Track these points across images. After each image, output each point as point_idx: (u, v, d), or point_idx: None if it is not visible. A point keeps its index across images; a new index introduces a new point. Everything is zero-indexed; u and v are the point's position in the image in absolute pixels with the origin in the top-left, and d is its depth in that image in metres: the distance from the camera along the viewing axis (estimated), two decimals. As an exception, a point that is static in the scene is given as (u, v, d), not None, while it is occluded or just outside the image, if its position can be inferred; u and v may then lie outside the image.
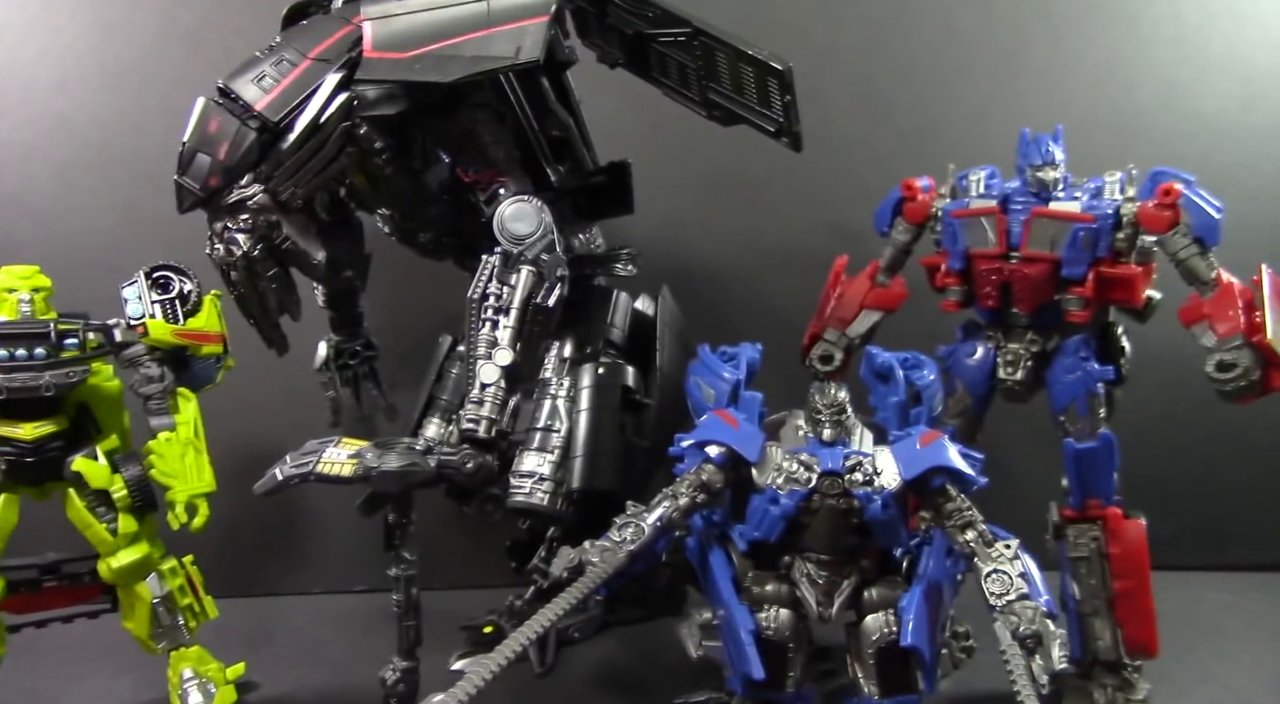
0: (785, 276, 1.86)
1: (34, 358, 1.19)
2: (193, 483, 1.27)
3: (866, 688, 1.02)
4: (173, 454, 1.26)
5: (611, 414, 1.34)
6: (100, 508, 1.25)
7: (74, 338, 1.22)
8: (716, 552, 1.07)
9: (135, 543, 1.27)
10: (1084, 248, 1.24)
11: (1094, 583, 1.28)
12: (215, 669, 1.36)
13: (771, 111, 1.16)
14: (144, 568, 1.29)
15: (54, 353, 1.20)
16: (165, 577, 1.31)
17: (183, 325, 1.30)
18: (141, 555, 1.28)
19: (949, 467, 0.99)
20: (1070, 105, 1.84)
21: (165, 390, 1.29)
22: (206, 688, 1.33)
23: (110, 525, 1.25)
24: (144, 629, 1.31)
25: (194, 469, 1.28)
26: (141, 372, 1.28)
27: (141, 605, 1.30)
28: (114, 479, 1.24)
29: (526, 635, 0.84)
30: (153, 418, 1.29)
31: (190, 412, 1.31)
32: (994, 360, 1.35)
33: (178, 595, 1.32)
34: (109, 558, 1.26)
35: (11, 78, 1.75)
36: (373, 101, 1.19)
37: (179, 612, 1.32)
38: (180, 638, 1.33)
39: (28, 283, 1.23)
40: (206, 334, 1.33)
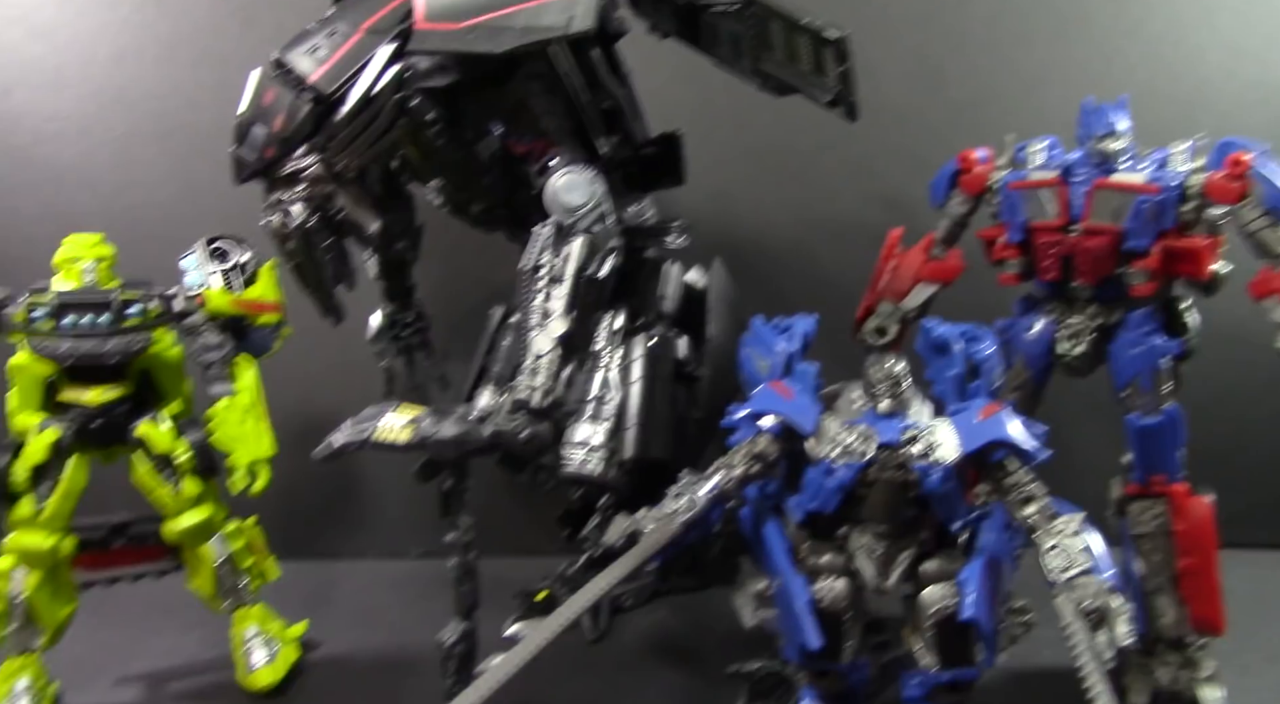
0: (837, 249, 1.84)
1: (98, 326, 1.22)
2: (253, 448, 1.30)
3: (925, 660, 1.01)
4: (233, 420, 1.29)
5: (664, 385, 1.34)
6: (164, 471, 1.29)
7: (136, 306, 1.25)
8: (771, 522, 1.07)
9: (198, 506, 1.31)
10: (1149, 220, 1.21)
11: (1157, 560, 1.26)
12: (278, 627, 1.40)
13: (826, 81, 1.14)
14: (207, 530, 1.32)
15: (117, 321, 1.23)
16: (228, 538, 1.34)
17: (240, 294, 1.33)
18: (204, 518, 1.31)
19: (1010, 440, 0.98)
20: (1133, 73, 1.79)
21: (225, 358, 1.31)
22: (270, 645, 1.36)
23: (174, 489, 1.29)
24: (208, 589, 1.35)
25: (254, 435, 1.31)
26: (201, 340, 1.30)
27: (205, 566, 1.33)
28: (177, 444, 1.28)
29: (583, 602, 0.85)
30: (213, 385, 1.31)
31: (249, 378, 1.34)
32: (1054, 334, 1.33)
33: (240, 557, 1.35)
34: (173, 520, 1.30)
35: (71, 52, 1.78)
36: (425, 73, 1.19)
37: (242, 572, 1.36)
38: (243, 598, 1.37)
39: (92, 251, 1.25)
40: (264, 303, 1.35)
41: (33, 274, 1.28)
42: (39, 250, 1.37)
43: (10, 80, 1.77)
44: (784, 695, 1.26)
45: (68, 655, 1.36)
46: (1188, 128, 1.28)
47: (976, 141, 1.40)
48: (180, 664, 1.45)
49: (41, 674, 1.29)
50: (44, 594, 1.25)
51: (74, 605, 1.32)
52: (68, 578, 1.30)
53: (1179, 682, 1.27)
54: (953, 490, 0.99)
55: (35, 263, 1.35)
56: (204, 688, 1.40)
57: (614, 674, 1.42)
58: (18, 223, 1.79)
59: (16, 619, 1.25)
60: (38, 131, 1.78)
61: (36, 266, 1.32)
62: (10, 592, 1.24)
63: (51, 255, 1.28)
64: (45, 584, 1.25)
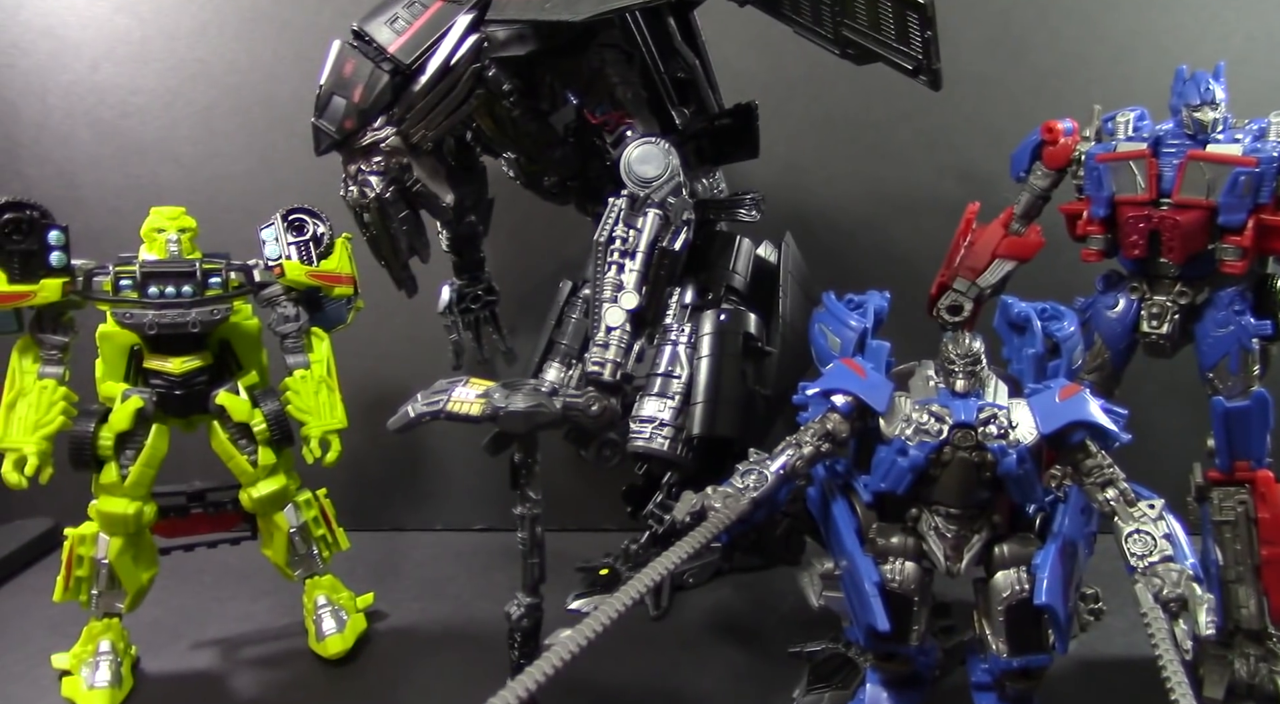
0: (911, 224, 1.81)
1: (181, 296, 1.25)
2: (326, 419, 1.33)
3: (995, 646, 0.99)
4: (307, 391, 1.33)
5: (733, 361, 1.33)
6: (242, 440, 1.32)
7: (218, 277, 1.28)
8: (840, 502, 1.06)
9: (273, 474, 1.34)
10: (1244, 194, 1.16)
11: (1239, 548, 1.22)
12: (347, 597, 1.43)
13: (910, 48, 1.11)
14: (281, 499, 1.35)
15: (199, 291, 1.26)
16: (301, 508, 1.37)
17: (316, 267, 1.35)
18: (279, 487, 1.34)
19: (1091, 421, 0.95)
20: (1229, 39, 1.71)
21: (300, 329, 1.34)
22: (339, 615, 1.40)
23: (250, 457, 1.32)
24: (281, 557, 1.38)
25: (327, 406, 1.34)
26: (278, 311, 1.34)
27: (279, 534, 1.37)
28: (254, 413, 1.30)
29: (651, 577, 0.84)
30: (289, 356, 1.35)
31: (324, 351, 1.37)
32: (1137, 313, 1.29)
33: (312, 526, 1.38)
34: (249, 488, 1.33)
35: (155, 25, 1.82)
36: (502, 42, 1.19)
37: (313, 542, 1.39)
38: (314, 566, 1.41)
39: (175, 223, 1.28)
40: (338, 275, 1.37)
41: (118, 245, 1.31)
42: (125, 222, 1.42)
43: (98, 54, 1.82)
44: (847, 678, 1.25)
45: (146, 619, 1.41)
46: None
47: (1060, 112, 1.35)
48: (252, 630, 1.49)
49: (123, 637, 1.33)
50: (126, 559, 1.28)
51: (155, 570, 1.36)
52: (149, 543, 1.34)
53: (1258, 674, 1.24)
54: (1029, 472, 0.97)
55: (121, 234, 1.40)
56: (275, 654, 1.44)
57: (675, 652, 1.43)
58: (104, 195, 1.84)
59: (101, 583, 1.28)
60: (124, 105, 1.83)
61: (122, 238, 1.35)
62: (95, 556, 1.28)
63: (136, 227, 1.31)
64: (127, 549, 1.28)
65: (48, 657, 1.38)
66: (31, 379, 1.24)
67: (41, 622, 1.53)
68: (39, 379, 1.24)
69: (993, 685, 1.04)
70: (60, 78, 1.82)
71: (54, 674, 1.35)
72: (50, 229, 1.21)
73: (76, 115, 1.83)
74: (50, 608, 1.57)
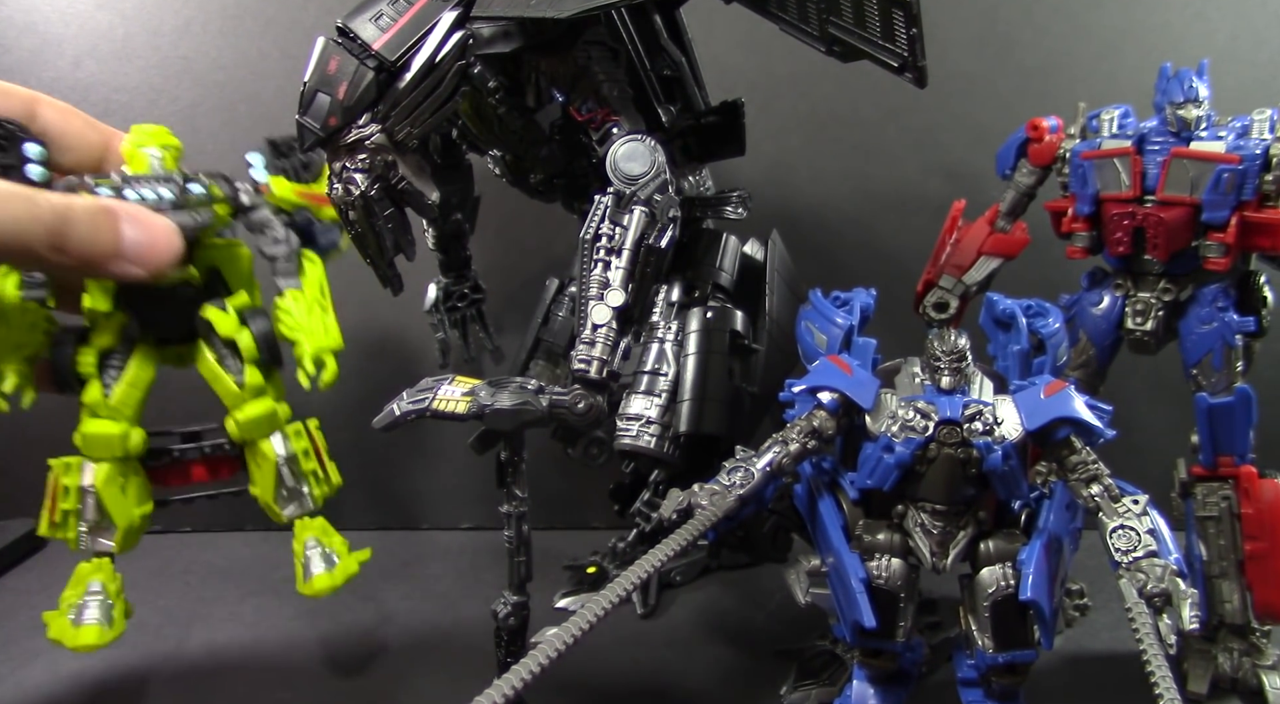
0: (898, 221, 1.81)
1: (161, 200, 1.18)
2: (320, 338, 1.27)
3: (981, 641, 1.00)
4: (299, 311, 1.27)
5: (719, 359, 1.33)
6: (228, 361, 1.25)
7: (198, 184, 1.22)
8: (827, 499, 1.06)
9: (260, 396, 1.26)
10: (1228, 191, 1.17)
11: (1223, 543, 1.23)
12: (339, 541, 1.34)
13: (895, 46, 1.10)
14: (269, 424, 1.27)
15: (179, 196, 1.19)
16: (290, 438, 1.29)
17: (304, 185, 1.31)
18: (267, 410, 1.26)
19: (1075, 418, 0.95)
20: (1213, 38, 1.72)
21: (292, 252, 1.30)
22: (330, 556, 1.31)
23: (237, 377, 1.25)
24: (269, 491, 1.29)
25: (321, 325, 1.28)
26: (269, 233, 1.29)
27: (266, 465, 1.28)
28: (241, 330, 1.24)
29: (638, 575, 0.84)
30: (280, 279, 1.29)
31: (317, 273, 1.32)
32: (1122, 309, 1.30)
33: (302, 459, 1.30)
34: (235, 412, 1.26)
35: (137, 22, 1.80)
36: (487, 39, 1.18)
37: (304, 476, 1.31)
38: (305, 504, 1.31)
39: (157, 139, 1.24)
40: (327, 196, 1.29)
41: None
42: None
43: (80, 51, 1.81)
44: (834, 675, 1.25)
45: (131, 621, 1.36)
46: (1270, 94, 1.23)
47: (1046, 109, 1.36)
48: (239, 629, 1.48)
49: (114, 579, 1.25)
50: (114, 488, 1.21)
51: (149, 507, 1.27)
52: (140, 477, 1.26)
53: (1241, 668, 1.25)
54: (1014, 469, 0.97)
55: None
56: (261, 653, 1.43)
57: (663, 649, 1.43)
58: (87, 191, 1.82)
59: (88, 514, 1.21)
60: (107, 102, 1.82)
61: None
62: (81, 483, 1.20)
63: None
64: (116, 477, 1.21)
65: (32, 659, 1.37)
66: (12, 302, 1.17)
67: (26, 623, 1.52)
68: (21, 302, 1.17)
69: (979, 681, 1.05)
70: (42, 75, 1.80)
71: (41, 678, 1.34)
72: (27, 142, 1.14)
73: (59, 112, 1.81)
74: (35, 610, 1.56)
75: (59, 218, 1.06)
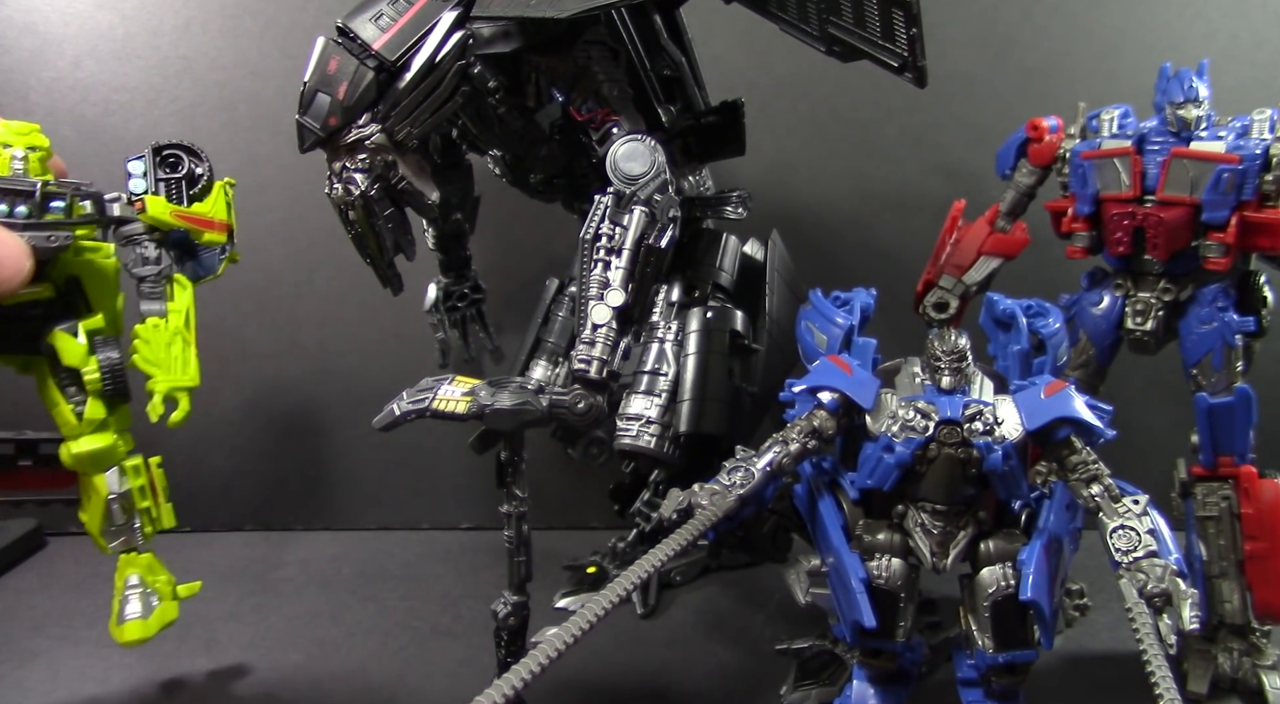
0: (898, 221, 1.81)
1: (14, 216, 1.09)
2: (176, 375, 1.17)
3: (981, 641, 1.00)
4: (159, 341, 1.18)
5: (719, 359, 1.33)
6: (71, 388, 1.17)
7: (60, 201, 1.12)
8: (827, 499, 1.06)
9: (100, 431, 1.17)
10: (1228, 191, 1.17)
11: (1223, 543, 1.23)
12: (164, 581, 1.26)
13: (895, 46, 1.11)
14: (105, 459, 1.19)
15: (37, 213, 1.10)
16: (127, 474, 1.21)
17: (185, 207, 1.22)
18: (104, 445, 1.18)
19: (1076, 418, 0.95)
20: (1213, 38, 1.72)
21: (161, 274, 1.21)
22: (149, 599, 1.23)
23: (78, 408, 1.16)
24: (96, 524, 1.22)
25: (179, 360, 1.19)
26: (138, 251, 1.20)
27: (97, 498, 1.20)
28: (88, 360, 1.15)
29: (638, 575, 0.84)
30: (144, 302, 1.20)
31: (184, 301, 1.22)
32: (1121, 309, 1.30)
33: (137, 496, 1.22)
34: (71, 442, 1.17)
35: (137, 22, 1.80)
36: (488, 39, 1.19)
37: (136, 513, 1.22)
38: (134, 541, 1.23)
39: (23, 140, 1.14)
40: (210, 220, 1.25)
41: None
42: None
43: (80, 51, 1.81)
44: (834, 674, 1.25)
45: None
46: (1270, 94, 1.23)
47: (1046, 110, 1.36)
48: (236, 629, 1.48)
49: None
50: None
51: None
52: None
53: (1241, 668, 1.25)
54: (1015, 469, 0.97)
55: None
56: (259, 654, 1.42)
57: (663, 649, 1.43)
58: (87, 191, 1.82)
59: None
60: (107, 103, 1.82)
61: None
62: None
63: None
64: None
65: (32, 658, 1.36)
66: None
67: (26, 623, 1.52)
68: None
69: (979, 681, 1.05)
70: (42, 75, 1.80)
71: (40, 678, 1.34)
72: None
73: (59, 113, 1.81)
74: (35, 610, 1.57)
75: None
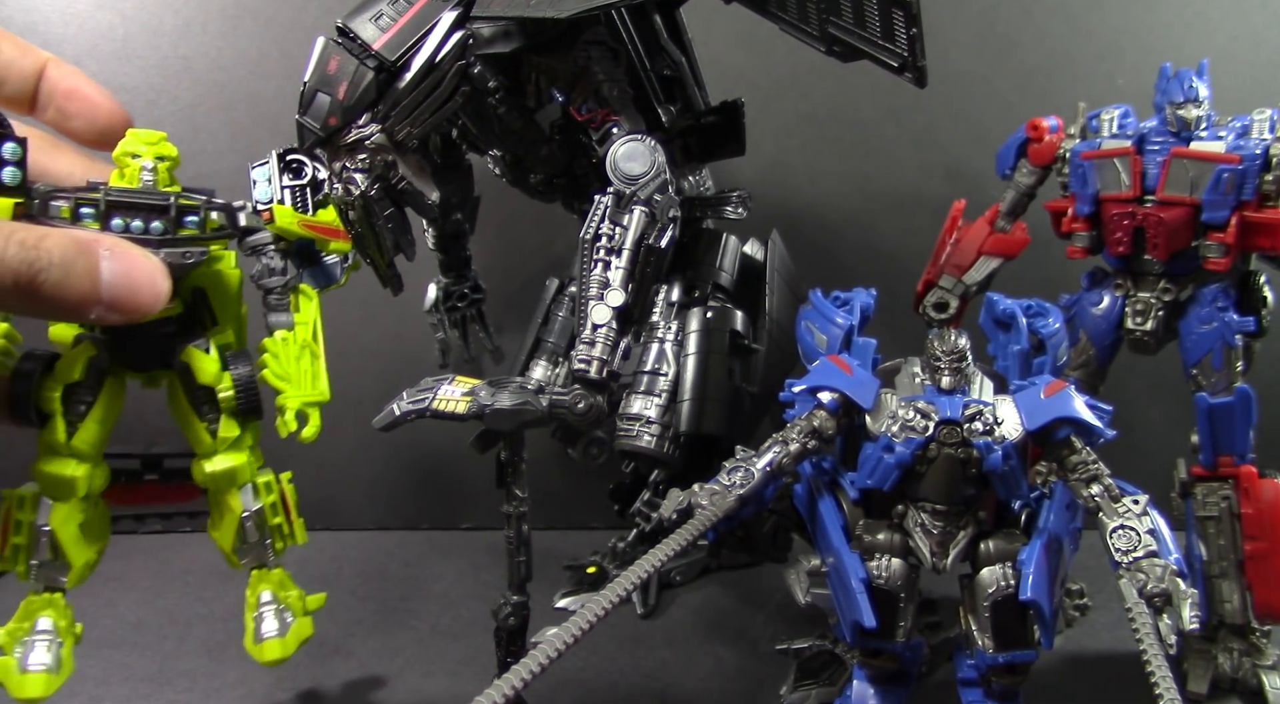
0: (898, 221, 1.81)
1: (150, 232, 1.07)
2: (306, 389, 1.14)
3: (981, 641, 1.00)
4: (288, 356, 1.15)
5: (719, 359, 1.33)
6: (204, 406, 1.14)
7: (194, 215, 1.09)
8: (827, 499, 1.06)
9: (233, 449, 1.15)
10: (1228, 191, 1.17)
11: (1223, 543, 1.23)
12: (296, 597, 1.24)
13: (895, 46, 1.11)
14: (238, 477, 1.16)
15: (171, 229, 1.08)
16: (260, 491, 1.20)
17: (311, 216, 1.21)
18: (238, 463, 1.15)
19: (1076, 418, 0.95)
20: (1213, 38, 1.72)
21: (287, 285, 1.19)
22: (283, 615, 1.21)
23: (211, 426, 1.14)
24: (229, 542, 1.20)
25: (309, 374, 1.16)
26: (264, 261, 1.18)
27: (231, 517, 1.18)
28: (222, 377, 1.13)
29: (638, 575, 0.84)
30: (271, 314, 1.18)
31: (311, 312, 1.20)
32: (1121, 309, 1.30)
33: (269, 513, 1.20)
34: (204, 460, 1.15)
35: (137, 22, 1.81)
36: (488, 39, 1.19)
37: (268, 530, 1.21)
38: (265, 557, 1.22)
39: (153, 149, 1.12)
40: (336, 229, 1.23)
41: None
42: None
43: (80, 51, 1.80)
44: (834, 675, 1.25)
45: (131, 619, 1.37)
46: (1271, 94, 1.23)
47: (1046, 109, 1.36)
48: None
49: (65, 615, 1.13)
50: (72, 528, 1.10)
51: (105, 542, 1.17)
52: (101, 513, 1.16)
53: (1241, 668, 1.25)
54: (1015, 469, 0.97)
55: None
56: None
57: (663, 649, 1.43)
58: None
59: (41, 552, 1.10)
60: (106, 101, 1.82)
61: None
62: (35, 522, 1.09)
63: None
64: (74, 517, 1.11)
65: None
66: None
67: (25, 623, 1.52)
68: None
69: (979, 681, 1.05)
70: (42, 75, 1.80)
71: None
72: (5, 140, 1.02)
73: (59, 112, 1.81)
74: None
75: (27, 263, 0.92)
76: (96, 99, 1.19)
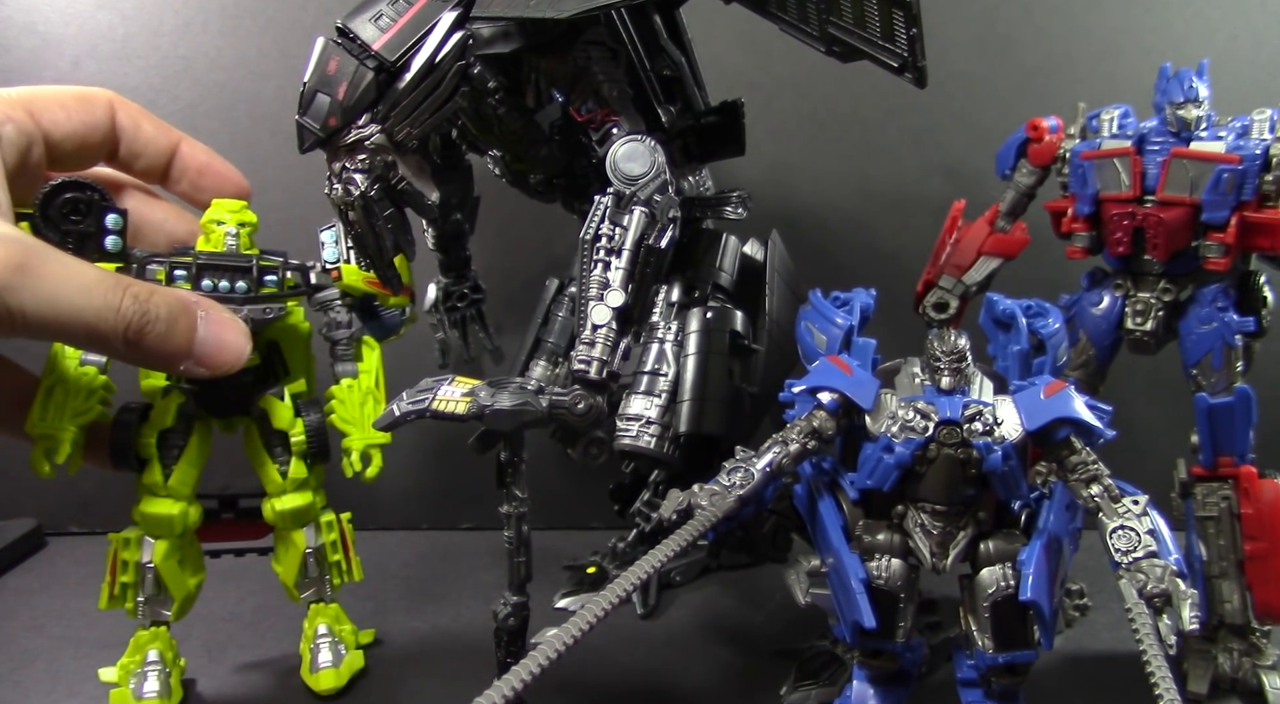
0: (898, 221, 1.81)
1: (235, 291, 1.20)
2: (370, 432, 1.27)
3: (981, 642, 1.00)
4: (353, 401, 1.28)
5: (719, 359, 1.33)
6: (277, 448, 1.28)
7: (273, 275, 1.23)
8: (826, 499, 1.06)
9: (301, 489, 1.29)
10: (1228, 191, 1.17)
11: (1223, 544, 1.23)
12: (349, 631, 1.37)
13: (895, 46, 1.11)
14: (304, 516, 1.30)
15: (253, 288, 1.20)
16: (321, 529, 1.32)
17: (374, 274, 1.31)
18: (305, 503, 1.29)
19: (1075, 418, 0.95)
20: (1213, 38, 1.72)
21: (352, 337, 1.31)
22: (337, 648, 1.33)
23: (282, 467, 1.27)
24: (291, 576, 1.32)
25: (372, 419, 1.27)
26: (331, 316, 1.30)
27: (294, 552, 1.31)
28: (295, 422, 1.26)
29: (638, 575, 0.84)
30: (338, 363, 1.31)
31: (374, 361, 1.32)
32: (1121, 310, 1.30)
33: (329, 550, 1.32)
34: (274, 499, 1.28)
35: (137, 22, 1.81)
36: (487, 39, 1.19)
37: (327, 566, 1.33)
38: (323, 592, 1.34)
39: (236, 216, 1.24)
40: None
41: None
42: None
43: (80, 51, 1.80)
44: (834, 675, 1.25)
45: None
46: (1270, 95, 1.23)
47: (1046, 110, 1.36)
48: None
49: (171, 647, 1.28)
50: (173, 563, 1.24)
51: (202, 576, 1.30)
52: (195, 548, 1.30)
53: (1241, 669, 1.25)
54: (1015, 469, 0.97)
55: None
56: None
57: (663, 650, 1.43)
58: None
59: (147, 588, 1.23)
60: (106, 101, 1.82)
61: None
62: (140, 560, 1.23)
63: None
64: (174, 553, 1.24)
65: (32, 659, 1.36)
66: (73, 365, 1.19)
67: (26, 623, 1.52)
68: (80, 366, 1.19)
69: (979, 681, 1.05)
70: (42, 75, 1.80)
71: (40, 678, 1.34)
72: (108, 212, 1.14)
73: (59, 113, 1.81)
74: (35, 610, 1.57)
75: (139, 314, 1.04)
76: (225, 173, 1.33)
